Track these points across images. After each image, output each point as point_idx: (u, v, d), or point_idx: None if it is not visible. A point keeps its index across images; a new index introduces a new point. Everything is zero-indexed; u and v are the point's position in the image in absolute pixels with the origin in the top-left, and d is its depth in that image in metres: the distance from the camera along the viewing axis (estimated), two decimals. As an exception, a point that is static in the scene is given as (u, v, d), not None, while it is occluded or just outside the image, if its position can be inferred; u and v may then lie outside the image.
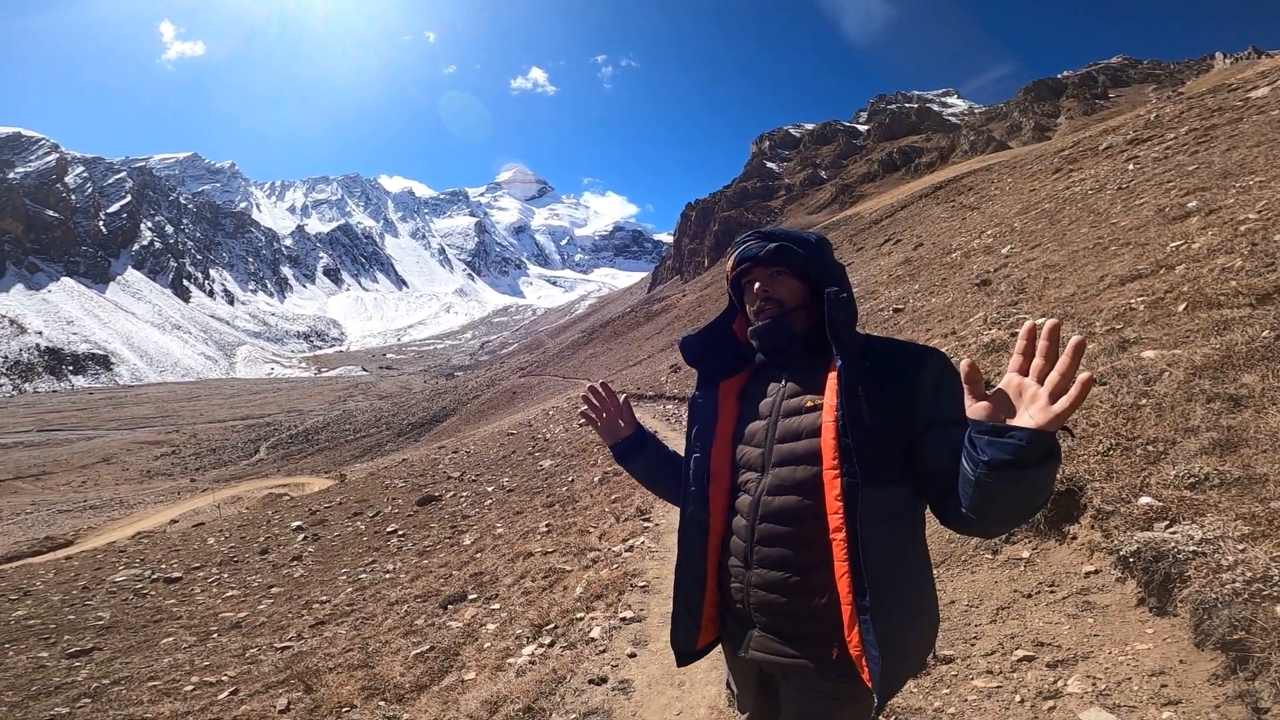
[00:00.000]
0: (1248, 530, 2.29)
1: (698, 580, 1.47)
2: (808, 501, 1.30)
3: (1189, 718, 1.95)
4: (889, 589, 1.23)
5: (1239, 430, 2.91)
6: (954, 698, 2.38)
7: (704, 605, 1.48)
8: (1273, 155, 9.30)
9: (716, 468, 1.47)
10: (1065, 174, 20.09)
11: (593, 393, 1.75)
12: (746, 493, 1.40)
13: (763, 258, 1.40)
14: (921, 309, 11.50)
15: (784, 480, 1.34)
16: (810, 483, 1.30)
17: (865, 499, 1.21)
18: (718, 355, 1.55)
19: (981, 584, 3.10)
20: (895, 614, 1.24)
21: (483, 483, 15.20)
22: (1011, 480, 1.00)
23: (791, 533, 1.32)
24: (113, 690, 5.49)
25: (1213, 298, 4.76)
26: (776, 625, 1.36)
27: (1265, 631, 1.93)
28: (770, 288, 1.41)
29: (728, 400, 1.51)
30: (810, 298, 1.42)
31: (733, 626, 1.47)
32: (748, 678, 1.53)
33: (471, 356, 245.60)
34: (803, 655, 1.32)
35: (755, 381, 1.50)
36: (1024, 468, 0.98)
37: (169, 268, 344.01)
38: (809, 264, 1.39)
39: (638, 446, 1.72)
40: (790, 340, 1.41)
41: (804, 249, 1.39)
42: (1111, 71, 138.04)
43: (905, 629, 1.28)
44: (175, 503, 35.26)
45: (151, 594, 10.32)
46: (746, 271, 1.45)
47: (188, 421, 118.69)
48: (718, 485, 1.46)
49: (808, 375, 1.39)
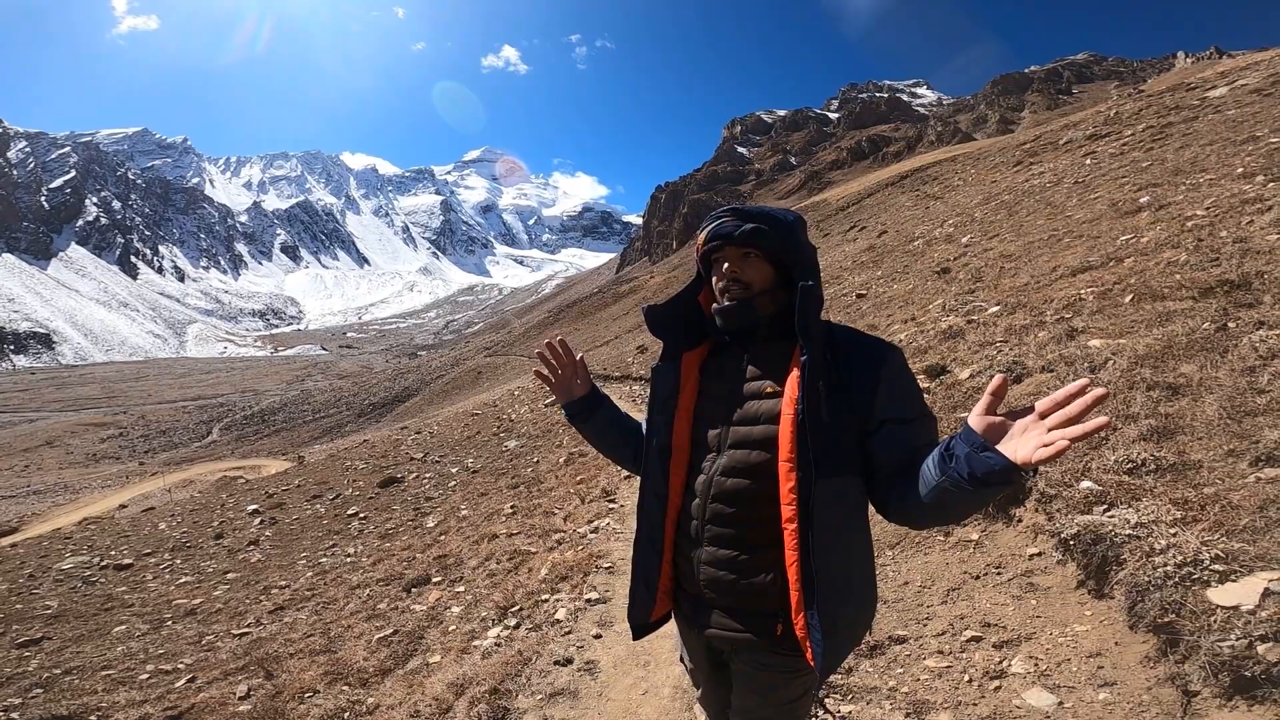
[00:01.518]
0: (1180, 515, 2.42)
1: (655, 553, 1.49)
2: (757, 486, 1.32)
3: (1123, 699, 2.04)
4: (835, 577, 1.27)
5: (1175, 418, 3.06)
6: (907, 677, 2.48)
7: (660, 578, 1.50)
8: (1224, 154, 9.66)
9: (678, 442, 1.46)
10: (1026, 167, 20.62)
11: (549, 348, 1.71)
12: (702, 471, 1.41)
13: (736, 238, 1.37)
14: (884, 295, 11.73)
15: (738, 463, 1.35)
16: (764, 468, 1.31)
17: (818, 491, 1.23)
18: (682, 325, 1.53)
19: (934, 565, 3.22)
20: (839, 601, 1.28)
21: (446, 464, 15.05)
22: (972, 494, 1.07)
23: (741, 514, 1.35)
24: (65, 680, 5.34)
25: (1158, 290, 4.97)
26: (725, 601, 1.39)
27: (1195, 615, 2.02)
28: (739, 269, 1.38)
29: (690, 374, 1.50)
30: (779, 282, 1.40)
31: (685, 605, 1.50)
32: (700, 654, 1.56)
33: (435, 336, 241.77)
34: (749, 630, 1.36)
35: (716, 358, 1.50)
36: (987, 487, 1.04)
37: (115, 244, 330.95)
38: (782, 248, 1.37)
39: (592, 407, 1.69)
40: (754, 324, 1.40)
41: (778, 231, 1.36)
42: (1077, 67, 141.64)
43: (848, 614, 1.32)
44: (123, 487, 34.08)
45: (101, 581, 10.01)
46: (718, 248, 1.41)
47: (136, 402, 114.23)
48: (678, 459, 1.46)
49: (769, 359, 1.39)
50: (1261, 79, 15.76)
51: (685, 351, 1.52)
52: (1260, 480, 2.42)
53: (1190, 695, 1.93)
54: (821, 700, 1.67)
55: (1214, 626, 1.96)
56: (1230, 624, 1.93)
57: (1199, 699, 1.90)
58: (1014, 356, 4.86)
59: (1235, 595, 1.99)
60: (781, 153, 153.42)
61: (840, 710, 2.34)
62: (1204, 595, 2.06)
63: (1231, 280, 4.47)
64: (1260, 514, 2.25)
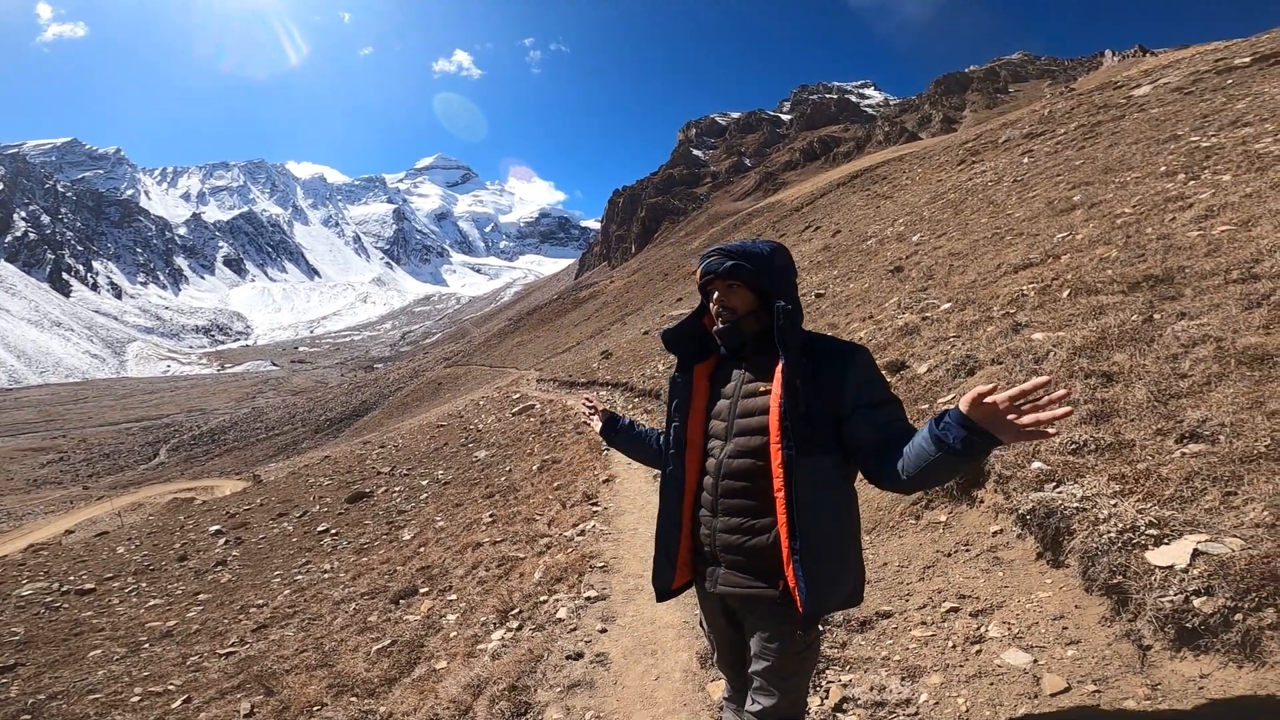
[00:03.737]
0: (1119, 488, 2.74)
1: (675, 528, 1.84)
2: (760, 463, 1.68)
3: (1089, 654, 2.30)
4: (815, 536, 1.59)
5: (1111, 402, 3.41)
6: (897, 647, 2.74)
7: (679, 550, 1.85)
8: (1148, 153, 10.27)
9: (692, 436, 1.84)
10: (969, 165, 21.54)
11: (584, 400, 2.39)
12: (713, 456, 1.78)
13: (720, 273, 1.75)
14: (841, 294, 12.16)
15: (742, 447, 1.72)
16: (761, 449, 1.67)
17: (800, 466, 1.58)
18: (691, 343, 1.91)
19: (908, 547, 3.51)
20: (818, 556, 1.59)
21: (415, 476, 14.91)
22: (958, 463, 1.41)
23: (747, 487, 1.70)
24: (51, 705, 5.21)
25: (1092, 285, 5.38)
26: (736, 562, 1.72)
27: (1138, 575, 2.31)
28: (726, 298, 1.76)
29: (700, 381, 1.88)
30: (760, 304, 1.76)
31: (702, 568, 1.84)
32: (715, 611, 1.88)
33: (392, 348, 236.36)
34: (758, 584, 1.69)
35: (721, 368, 1.87)
36: (972, 458, 1.39)
37: (46, 260, 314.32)
38: (759, 277, 1.73)
39: (612, 430, 2.22)
40: (743, 341, 1.77)
41: (754, 264, 1.73)
42: (1013, 67, 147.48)
43: (827, 569, 1.62)
44: (69, 512, 32.50)
45: (65, 607, 9.65)
46: (709, 282, 1.80)
47: (75, 425, 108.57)
48: (692, 450, 1.84)
49: (760, 366, 1.75)
50: (1182, 77, 16.50)
51: (696, 364, 1.90)
52: (1185, 455, 2.76)
53: (1145, 649, 2.17)
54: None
55: (1154, 585, 2.22)
56: (1168, 582, 2.19)
57: (1153, 651, 2.15)
58: (967, 351, 5.21)
59: (1170, 556, 2.26)
60: (737, 154, 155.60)
61: (842, 679, 2.58)
62: (1143, 558, 2.33)
63: (1156, 275, 4.90)
64: (1186, 484, 2.58)
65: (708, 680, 2.86)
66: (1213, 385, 3.16)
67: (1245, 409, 2.85)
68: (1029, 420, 1.28)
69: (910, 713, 2.35)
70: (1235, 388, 3.04)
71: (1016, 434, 1.31)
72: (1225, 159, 7.83)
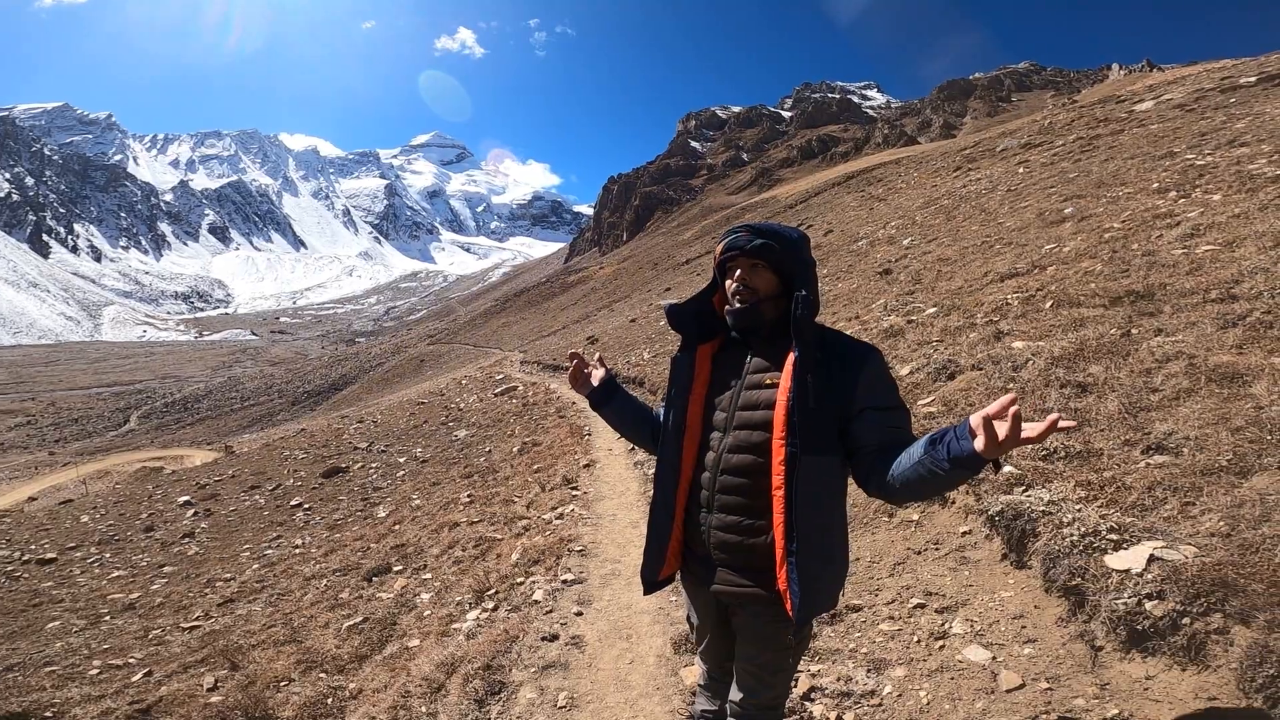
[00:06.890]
0: (1084, 494, 2.83)
1: (668, 517, 1.76)
2: (760, 460, 1.60)
3: (1044, 653, 2.38)
4: (812, 539, 1.54)
5: (1083, 412, 3.49)
6: (865, 639, 2.82)
7: (670, 540, 1.77)
8: (1143, 169, 10.29)
9: (691, 421, 1.74)
10: (964, 172, 21.66)
11: (572, 356, 2.07)
12: (712, 450, 1.69)
13: (747, 250, 1.64)
14: (829, 293, 12.23)
15: (742, 442, 1.63)
16: (763, 446, 1.59)
17: (803, 465, 1.51)
18: (697, 322, 1.81)
19: (881, 543, 3.59)
20: (815, 559, 1.55)
21: (393, 453, 14.84)
22: (954, 476, 1.34)
23: (745, 484, 1.62)
24: (7, 677, 5.11)
25: (1074, 297, 5.48)
26: (731, 560, 1.66)
27: (1096, 578, 2.39)
28: (748, 277, 1.65)
29: (703, 363, 1.78)
30: (781, 290, 1.67)
31: (695, 565, 1.77)
32: (707, 609, 1.82)
33: (375, 322, 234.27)
34: (754, 585, 1.63)
35: (726, 351, 1.77)
36: (970, 471, 1.31)
37: (27, 221, 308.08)
38: (786, 261, 1.63)
39: (607, 395, 2.02)
40: (759, 325, 1.67)
41: (783, 247, 1.63)
42: (1018, 76, 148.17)
43: (821, 572, 1.58)
44: (33, 478, 31.92)
45: (25, 576, 9.51)
46: (732, 258, 1.68)
47: (45, 388, 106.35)
48: (690, 437, 1.74)
49: (770, 355, 1.66)
50: (1186, 94, 16.47)
51: (700, 344, 1.80)
52: (1149, 465, 2.85)
53: (1097, 649, 2.24)
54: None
55: (1110, 587, 2.30)
56: (1124, 585, 2.27)
57: (1104, 652, 2.21)
58: (948, 355, 5.29)
59: (1127, 561, 2.34)
60: (734, 148, 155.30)
61: (811, 669, 2.65)
62: (1102, 561, 2.41)
63: (1138, 291, 5.00)
64: (1148, 493, 2.67)
65: (681, 665, 2.91)
66: (1182, 400, 3.25)
67: (1211, 424, 2.93)
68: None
69: (874, 704, 2.41)
70: (1203, 403, 3.13)
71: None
72: (1218, 178, 7.91)
